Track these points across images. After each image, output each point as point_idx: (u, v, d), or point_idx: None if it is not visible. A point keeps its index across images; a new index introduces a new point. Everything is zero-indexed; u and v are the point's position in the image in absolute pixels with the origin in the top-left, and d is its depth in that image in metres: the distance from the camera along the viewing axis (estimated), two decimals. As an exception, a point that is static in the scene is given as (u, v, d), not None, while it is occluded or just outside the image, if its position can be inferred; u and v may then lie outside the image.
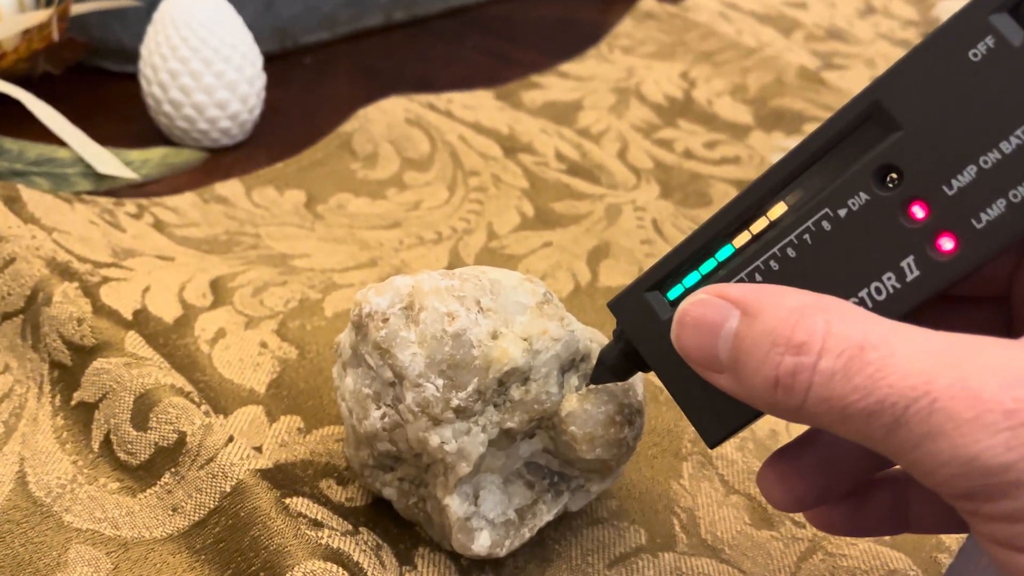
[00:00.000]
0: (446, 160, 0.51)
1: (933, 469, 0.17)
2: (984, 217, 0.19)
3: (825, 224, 0.21)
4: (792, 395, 0.18)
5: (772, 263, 0.21)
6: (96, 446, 0.31)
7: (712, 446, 0.23)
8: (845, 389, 0.17)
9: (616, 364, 0.25)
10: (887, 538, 0.31)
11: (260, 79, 0.51)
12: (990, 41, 0.18)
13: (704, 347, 0.20)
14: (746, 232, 0.22)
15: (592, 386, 0.27)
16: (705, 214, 0.49)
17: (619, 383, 0.27)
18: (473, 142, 0.53)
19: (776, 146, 0.56)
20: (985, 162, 0.19)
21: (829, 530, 0.26)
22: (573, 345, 0.27)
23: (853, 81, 0.66)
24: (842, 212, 0.20)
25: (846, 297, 0.20)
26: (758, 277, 0.22)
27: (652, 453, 0.34)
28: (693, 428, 0.31)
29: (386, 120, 0.53)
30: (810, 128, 0.59)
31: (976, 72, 0.19)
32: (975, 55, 0.19)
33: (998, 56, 0.18)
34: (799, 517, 0.31)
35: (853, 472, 0.24)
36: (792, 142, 0.56)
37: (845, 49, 0.72)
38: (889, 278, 0.20)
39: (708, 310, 0.20)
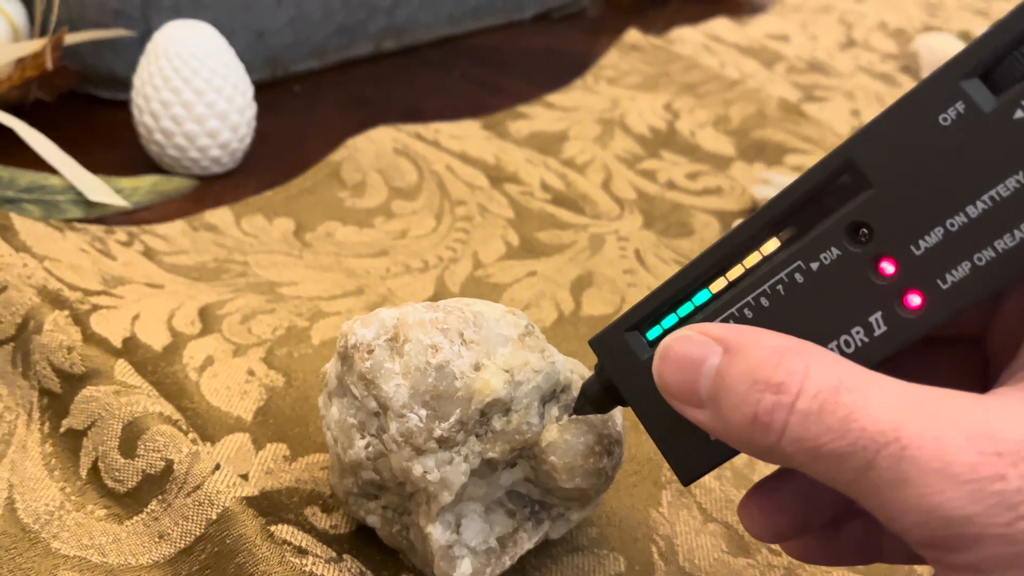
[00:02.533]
0: (433, 189, 0.52)
1: (897, 515, 0.17)
2: (950, 278, 0.19)
3: (798, 276, 0.21)
4: (768, 433, 0.19)
5: (746, 311, 0.22)
6: (84, 473, 0.31)
7: (686, 484, 0.23)
8: (819, 430, 0.18)
9: (597, 397, 0.26)
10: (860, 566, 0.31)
11: (251, 109, 0.52)
12: (960, 107, 0.19)
13: (685, 382, 0.20)
14: (723, 278, 0.22)
15: (573, 416, 0.28)
16: (686, 244, 0.50)
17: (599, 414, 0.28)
18: (460, 172, 0.53)
19: (757, 177, 0.57)
20: (952, 225, 0.19)
21: (804, 559, 0.26)
22: (554, 376, 0.28)
23: (833, 113, 0.68)
24: (814, 265, 0.21)
25: None
26: (732, 323, 0.22)
27: (632, 481, 0.34)
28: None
29: (374, 149, 0.54)
30: (791, 159, 0.60)
31: (946, 136, 0.19)
32: (945, 120, 0.19)
33: (967, 122, 0.19)
34: (775, 546, 0.32)
35: (830, 504, 0.25)
36: (772, 173, 0.57)
37: (826, 82, 0.74)
38: (858, 332, 0.20)
39: (691, 346, 0.20)
